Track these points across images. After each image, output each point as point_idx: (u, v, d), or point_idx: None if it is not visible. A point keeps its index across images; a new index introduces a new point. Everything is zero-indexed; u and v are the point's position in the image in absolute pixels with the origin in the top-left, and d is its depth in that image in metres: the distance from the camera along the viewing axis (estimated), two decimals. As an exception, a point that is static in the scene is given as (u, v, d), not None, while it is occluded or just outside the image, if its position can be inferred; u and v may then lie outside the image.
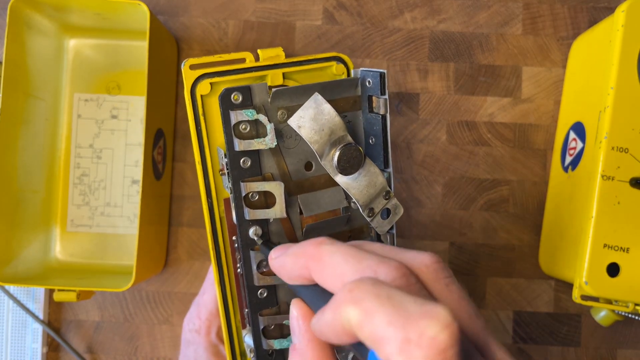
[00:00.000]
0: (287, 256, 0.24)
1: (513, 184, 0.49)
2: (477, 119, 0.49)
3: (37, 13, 0.44)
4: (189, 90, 0.30)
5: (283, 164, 0.31)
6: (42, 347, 0.47)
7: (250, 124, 0.29)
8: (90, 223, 0.48)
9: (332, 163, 0.30)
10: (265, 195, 0.30)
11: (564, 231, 0.44)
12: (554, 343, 0.48)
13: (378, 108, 0.31)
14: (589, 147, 0.41)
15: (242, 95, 0.29)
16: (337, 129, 0.29)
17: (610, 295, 0.38)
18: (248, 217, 0.29)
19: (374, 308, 0.18)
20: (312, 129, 0.29)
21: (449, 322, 0.17)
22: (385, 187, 0.31)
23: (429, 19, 0.49)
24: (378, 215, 0.31)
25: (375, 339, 0.18)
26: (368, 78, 0.31)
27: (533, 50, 0.49)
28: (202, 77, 0.30)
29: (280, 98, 0.30)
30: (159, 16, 0.49)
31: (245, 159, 0.29)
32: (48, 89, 0.47)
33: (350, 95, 0.32)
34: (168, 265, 0.49)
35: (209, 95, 0.30)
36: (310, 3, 0.49)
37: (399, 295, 0.18)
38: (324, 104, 0.29)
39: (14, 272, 0.43)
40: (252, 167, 0.30)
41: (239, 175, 0.29)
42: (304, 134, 0.29)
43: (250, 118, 0.29)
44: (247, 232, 0.30)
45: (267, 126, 0.29)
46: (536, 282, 0.48)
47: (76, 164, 0.48)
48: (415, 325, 0.17)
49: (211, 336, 0.37)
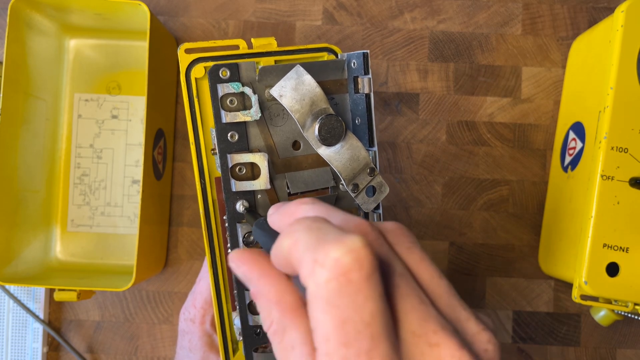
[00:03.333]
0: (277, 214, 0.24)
1: (513, 184, 0.49)
2: (476, 119, 0.49)
3: (37, 13, 0.44)
4: (184, 73, 0.32)
5: (270, 141, 0.32)
6: (42, 346, 0.47)
7: (237, 99, 0.30)
8: (91, 223, 0.48)
9: (314, 134, 0.30)
10: (252, 169, 0.31)
11: (563, 231, 0.44)
12: (553, 343, 0.48)
13: (363, 88, 0.32)
14: (589, 147, 0.41)
15: (230, 72, 0.30)
16: (318, 100, 0.30)
17: (610, 295, 0.38)
18: (234, 188, 0.30)
19: (301, 237, 0.19)
20: (294, 98, 0.30)
21: (357, 247, 0.17)
22: (369, 163, 0.32)
23: (429, 19, 0.49)
24: (363, 192, 0.32)
25: (296, 263, 0.19)
26: (353, 59, 0.32)
27: (533, 51, 0.49)
28: (196, 60, 0.32)
29: (268, 76, 0.31)
30: (159, 16, 0.49)
31: (232, 132, 0.31)
32: (48, 89, 0.47)
33: (337, 78, 0.33)
34: (168, 265, 0.49)
35: (203, 78, 0.32)
36: (310, 3, 0.49)
37: (327, 228, 0.19)
38: (304, 75, 0.30)
39: (15, 271, 0.43)
40: (240, 141, 0.31)
41: (226, 149, 0.31)
42: (285, 102, 0.30)
43: (236, 90, 0.30)
44: (234, 205, 0.31)
45: (252, 98, 0.30)
46: (536, 282, 0.48)
47: (76, 164, 0.48)
48: (324, 248, 0.17)
49: (206, 325, 0.37)
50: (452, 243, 0.48)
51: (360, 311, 0.17)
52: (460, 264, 0.48)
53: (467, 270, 0.48)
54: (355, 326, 0.17)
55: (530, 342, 0.48)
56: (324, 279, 0.17)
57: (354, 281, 0.17)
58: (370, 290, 0.17)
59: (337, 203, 0.33)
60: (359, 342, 0.17)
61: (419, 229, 0.48)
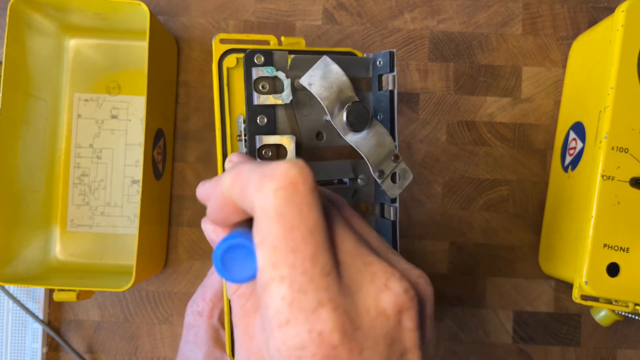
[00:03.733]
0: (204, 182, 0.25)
1: (513, 184, 0.49)
2: (477, 119, 0.49)
3: (37, 13, 0.44)
4: (216, 62, 0.33)
5: (296, 128, 0.33)
6: (42, 347, 0.47)
7: (269, 83, 0.32)
8: (90, 223, 0.48)
9: (342, 121, 0.31)
10: (278, 152, 0.32)
11: (563, 231, 0.44)
12: (553, 343, 0.48)
13: (387, 84, 0.33)
14: (589, 147, 0.41)
15: (264, 58, 0.32)
16: (345, 89, 0.32)
17: (610, 295, 0.38)
18: None
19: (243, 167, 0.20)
20: (322, 86, 0.31)
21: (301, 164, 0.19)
22: (393, 150, 0.33)
23: (429, 19, 0.49)
24: (388, 178, 0.33)
25: (242, 188, 0.20)
26: (379, 58, 0.34)
27: (533, 50, 0.49)
28: (229, 51, 0.34)
29: (298, 66, 0.32)
30: (159, 16, 0.49)
31: (262, 116, 0.32)
32: (48, 89, 0.47)
33: (362, 76, 0.34)
34: (168, 265, 0.49)
35: (233, 68, 0.34)
36: (310, 3, 0.49)
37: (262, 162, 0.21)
38: (332, 65, 0.31)
39: (14, 272, 0.43)
40: (268, 125, 0.32)
41: (255, 131, 0.32)
42: (314, 90, 0.31)
43: (270, 74, 0.32)
44: None
45: (285, 82, 0.32)
46: (536, 282, 0.48)
47: (76, 163, 0.48)
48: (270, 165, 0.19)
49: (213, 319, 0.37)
50: (453, 243, 0.48)
51: (306, 219, 0.19)
52: (460, 264, 0.48)
53: (467, 270, 0.48)
54: (301, 233, 0.18)
55: (531, 342, 0.48)
56: (272, 189, 0.19)
57: (300, 191, 0.19)
58: (314, 201, 0.19)
59: (354, 196, 0.34)
60: (305, 247, 0.18)
61: (419, 229, 0.48)
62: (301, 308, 0.18)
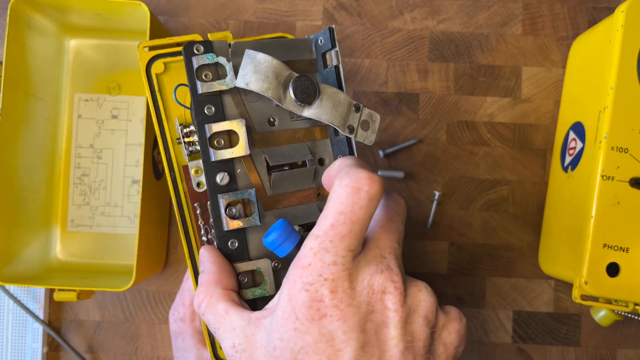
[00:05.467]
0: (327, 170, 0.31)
1: (513, 184, 0.49)
2: (476, 119, 0.49)
3: (37, 13, 0.44)
4: (144, 69, 0.33)
5: (246, 115, 0.32)
6: (42, 346, 0.47)
7: (211, 71, 0.31)
8: (91, 223, 0.48)
9: (291, 101, 0.31)
10: (230, 140, 0.31)
11: (563, 231, 0.44)
12: (553, 343, 0.48)
13: (331, 61, 0.33)
14: (589, 147, 0.41)
15: (203, 48, 0.31)
16: (281, 71, 0.31)
17: (610, 295, 0.38)
18: (213, 158, 0.31)
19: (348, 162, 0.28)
20: (259, 80, 0.31)
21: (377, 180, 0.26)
22: (351, 101, 0.32)
23: (429, 19, 0.49)
24: (359, 129, 0.33)
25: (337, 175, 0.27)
26: (320, 37, 0.33)
27: (533, 51, 0.49)
28: (156, 57, 0.34)
29: (240, 52, 0.32)
30: (159, 16, 0.49)
31: (209, 105, 0.31)
32: (48, 89, 0.47)
33: (307, 58, 0.34)
34: (168, 265, 0.49)
35: (162, 73, 0.34)
36: (310, 3, 0.49)
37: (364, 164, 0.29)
38: (257, 55, 0.31)
39: (15, 271, 0.43)
40: (216, 114, 0.31)
41: (203, 121, 0.31)
42: (253, 87, 0.31)
43: (211, 61, 0.31)
44: (214, 177, 0.31)
45: (226, 66, 0.31)
46: (536, 282, 0.48)
47: (76, 164, 0.48)
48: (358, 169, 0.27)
49: (196, 322, 0.38)
50: (452, 243, 0.48)
51: (352, 212, 0.25)
52: (460, 264, 0.48)
53: (467, 270, 0.48)
54: (344, 218, 0.25)
55: (530, 342, 0.48)
56: (345, 184, 0.26)
57: (360, 194, 0.25)
58: (367, 205, 0.26)
59: (315, 178, 0.34)
60: (341, 228, 0.25)
61: (419, 229, 0.48)
62: (320, 259, 0.25)
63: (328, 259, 0.25)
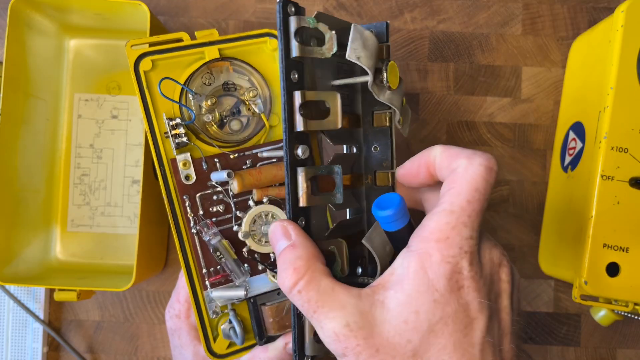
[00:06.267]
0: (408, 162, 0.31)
1: (513, 184, 0.49)
2: (476, 119, 0.49)
3: (37, 13, 0.44)
4: (132, 67, 0.34)
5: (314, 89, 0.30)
6: (42, 346, 0.47)
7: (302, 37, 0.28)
8: (91, 223, 0.48)
9: (382, 81, 0.30)
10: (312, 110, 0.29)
11: (563, 231, 0.44)
12: (553, 343, 0.48)
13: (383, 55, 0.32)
14: (589, 147, 0.41)
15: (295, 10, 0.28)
16: (377, 51, 0.30)
17: (610, 294, 0.38)
18: (300, 128, 0.28)
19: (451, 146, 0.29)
20: (367, 57, 0.29)
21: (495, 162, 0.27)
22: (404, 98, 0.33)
23: (429, 19, 0.49)
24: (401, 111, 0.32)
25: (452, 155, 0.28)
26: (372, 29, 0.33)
27: (533, 51, 0.49)
28: (143, 55, 0.34)
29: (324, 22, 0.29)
30: (159, 16, 0.49)
31: (294, 72, 0.28)
32: (48, 89, 0.47)
33: None
34: (168, 265, 0.49)
35: (150, 71, 0.35)
36: (311, 3, 0.49)
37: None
38: (364, 32, 0.29)
39: (15, 271, 0.43)
40: (299, 82, 0.28)
41: (290, 87, 0.28)
42: (364, 63, 0.29)
43: (311, 25, 0.28)
44: (294, 149, 0.28)
45: (326, 34, 0.29)
46: (536, 282, 0.48)
47: (76, 164, 0.48)
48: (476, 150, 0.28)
49: (191, 319, 0.38)
50: (452, 243, 0.48)
51: (486, 189, 0.27)
52: (460, 264, 0.48)
53: (467, 270, 0.48)
54: (480, 194, 0.27)
55: (530, 342, 0.48)
56: (478, 162, 0.27)
57: (492, 176, 0.27)
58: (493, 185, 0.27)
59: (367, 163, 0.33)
60: (477, 204, 0.27)
61: (419, 229, 0.48)
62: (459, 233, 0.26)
63: (466, 233, 0.26)
